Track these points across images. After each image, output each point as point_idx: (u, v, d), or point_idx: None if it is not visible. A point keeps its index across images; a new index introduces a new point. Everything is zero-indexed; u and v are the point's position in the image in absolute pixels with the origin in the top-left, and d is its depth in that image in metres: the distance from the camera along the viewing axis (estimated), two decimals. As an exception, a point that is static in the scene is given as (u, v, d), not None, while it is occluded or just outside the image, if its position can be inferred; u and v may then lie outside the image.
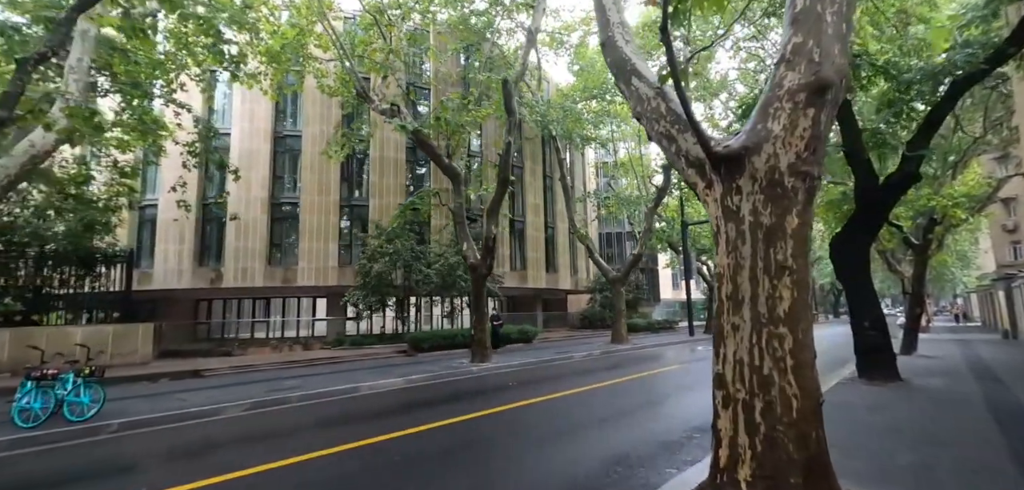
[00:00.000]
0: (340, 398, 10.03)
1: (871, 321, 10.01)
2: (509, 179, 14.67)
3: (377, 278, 19.45)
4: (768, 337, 3.81)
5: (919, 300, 16.43)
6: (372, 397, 10.18)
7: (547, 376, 12.82)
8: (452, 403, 9.31)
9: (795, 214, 4.01)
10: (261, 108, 23.20)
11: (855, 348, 10.29)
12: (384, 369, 14.26)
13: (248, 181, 22.91)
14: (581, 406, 8.65)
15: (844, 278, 10.69)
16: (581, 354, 17.82)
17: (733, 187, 4.27)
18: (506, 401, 9.16)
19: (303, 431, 7.45)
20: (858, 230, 10.47)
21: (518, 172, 31.25)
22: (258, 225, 22.65)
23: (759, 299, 3.94)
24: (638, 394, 9.76)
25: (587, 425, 7.20)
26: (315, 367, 15.21)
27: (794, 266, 3.90)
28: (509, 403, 8.97)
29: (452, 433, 6.90)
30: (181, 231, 22.18)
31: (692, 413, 7.72)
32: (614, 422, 7.34)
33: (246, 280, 22.17)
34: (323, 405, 9.39)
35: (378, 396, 10.31)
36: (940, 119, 10.16)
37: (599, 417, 7.71)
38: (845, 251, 10.56)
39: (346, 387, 10.81)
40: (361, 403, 9.53)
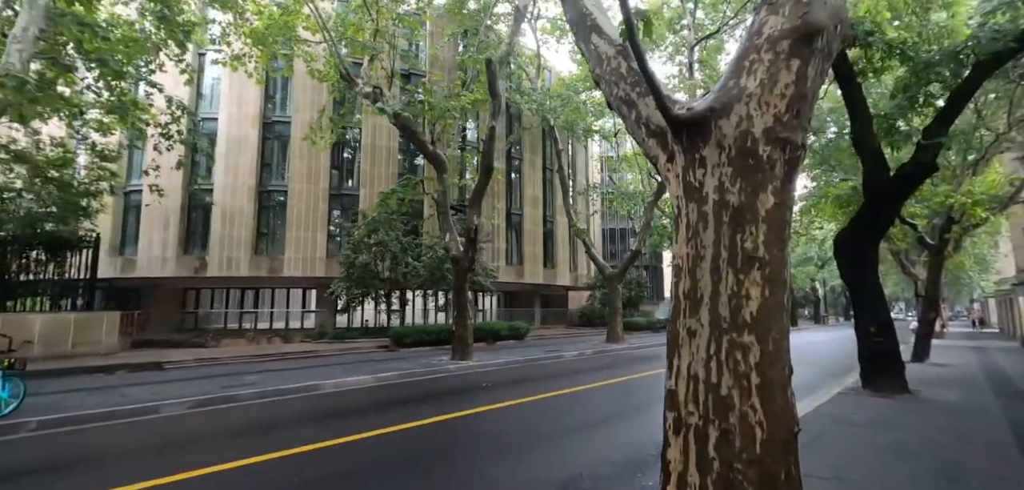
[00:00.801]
0: (296, 397, 9.30)
1: (878, 325, 9.07)
2: (493, 167, 13.84)
3: (362, 270, 18.73)
4: (729, 347, 2.97)
5: (933, 304, 15.35)
6: (331, 396, 9.45)
7: (527, 377, 12.01)
8: (414, 405, 8.55)
9: (771, 192, 3.15)
10: (250, 93, 22.55)
11: (859, 355, 9.36)
12: (358, 365, 13.55)
13: (235, 168, 22.35)
14: (550, 413, 7.83)
15: (849, 278, 9.73)
16: (572, 353, 16.98)
17: (696, 158, 3.42)
18: (472, 405, 8.37)
19: (236, 436, 6.71)
20: (865, 226, 9.51)
21: (516, 164, 30.43)
22: (244, 213, 22.04)
23: (720, 298, 3.10)
24: (617, 401, 8.91)
25: (549, 436, 6.39)
26: (286, 361, 14.55)
27: (766, 257, 3.05)
28: (474, 407, 8.18)
29: (396, 442, 6.13)
30: (166, 218, 21.64)
31: (669, 426, 6.84)
32: (581, 433, 6.51)
33: (231, 269, 21.59)
34: (274, 405, 8.67)
35: (338, 395, 9.58)
36: (961, 104, 9.16)
37: (567, 426, 6.89)
38: (850, 249, 9.61)
39: (308, 385, 10.09)
40: (316, 403, 8.80)
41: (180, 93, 22.44)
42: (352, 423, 7.20)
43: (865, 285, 9.39)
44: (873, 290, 9.34)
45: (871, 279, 9.39)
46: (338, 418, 7.64)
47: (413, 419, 7.33)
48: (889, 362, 9.03)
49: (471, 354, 14.11)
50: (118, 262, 21.98)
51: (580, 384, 10.63)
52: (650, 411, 7.98)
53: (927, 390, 9.21)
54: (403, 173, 25.32)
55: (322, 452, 5.65)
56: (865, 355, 9.27)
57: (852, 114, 9.78)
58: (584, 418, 7.40)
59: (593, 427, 6.86)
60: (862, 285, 9.44)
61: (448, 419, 7.39)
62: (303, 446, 5.82)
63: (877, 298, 9.29)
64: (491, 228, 27.52)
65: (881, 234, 9.85)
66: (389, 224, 19.33)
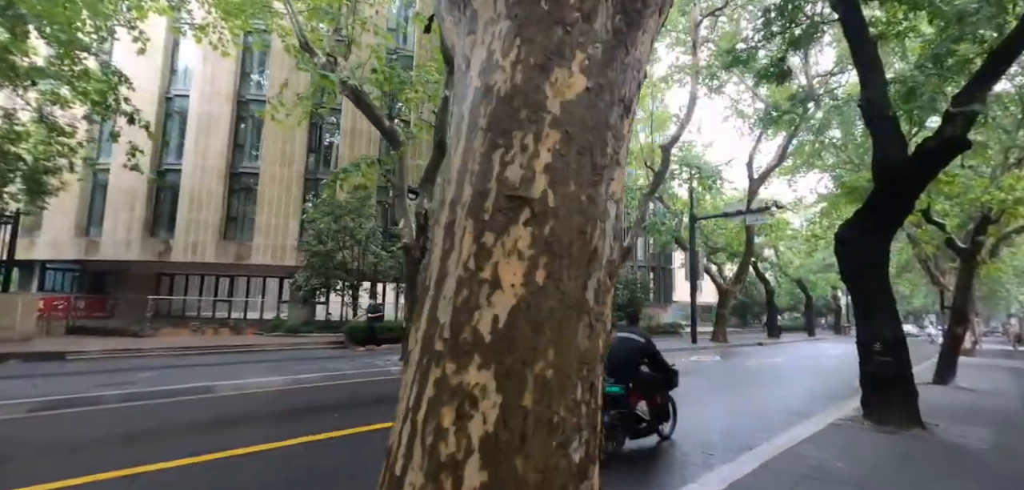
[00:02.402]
0: (175, 401, 7.87)
1: (884, 341, 7.18)
2: (448, 143, 12.20)
3: (323, 259, 17.32)
4: (436, 387, 1.30)
5: (962, 317, 13.19)
6: (218, 402, 7.99)
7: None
8: (313, 417, 7.07)
9: (577, 66, 1.54)
10: (224, 70, 21.42)
11: (861, 377, 7.48)
12: (286, 364, 12.14)
13: (205, 148, 21.24)
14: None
15: (850, 279, 7.84)
16: (545, 357, 15.26)
17: (466, 13, 1.78)
18: (388, 417, 6.80)
19: (44, 452, 5.28)
20: (874, 217, 7.61)
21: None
22: (213, 196, 20.92)
23: (444, 283, 1.42)
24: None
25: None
26: (211, 356, 13.21)
27: (548, 201, 1.38)
28: (380, 422, 6.62)
29: (256, 465, 4.65)
30: (132, 199, 20.67)
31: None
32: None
33: (197, 255, 20.50)
34: (138, 410, 7.25)
35: (229, 401, 8.13)
36: (1006, 62, 7.18)
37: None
38: (854, 245, 7.73)
39: (202, 385, 8.67)
40: (193, 411, 7.35)
41: (140, 65, 21.52)
42: (216, 438, 5.75)
43: (870, 289, 7.50)
44: (880, 296, 7.44)
45: (878, 282, 7.49)
46: (202, 432, 6.19)
47: (301, 434, 5.92)
48: (898, 387, 7.14)
49: (422, 355, 12.53)
50: (82, 243, 21.09)
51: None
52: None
53: (947, 424, 7.29)
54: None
55: (142, 480, 4.16)
56: (868, 377, 7.39)
57: (863, 76, 7.89)
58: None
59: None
60: (866, 289, 7.55)
61: (346, 435, 5.94)
62: (116, 471, 4.39)
63: (884, 306, 7.38)
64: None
65: (893, 229, 7.91)
66: (359, 210, 17.91)
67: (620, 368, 5.45)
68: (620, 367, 5.45)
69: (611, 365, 5.20)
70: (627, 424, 5.50)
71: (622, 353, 5.52)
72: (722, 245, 31.10)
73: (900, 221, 8.08)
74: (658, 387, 5.97)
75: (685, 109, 20.28)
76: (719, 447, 6.05)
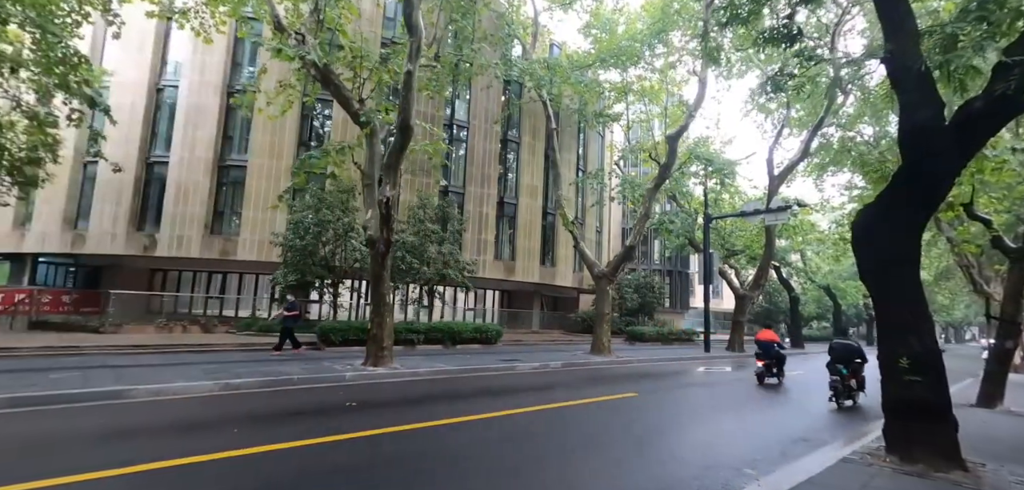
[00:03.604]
0: (69, 407, 6.85)
1: (914, 356, 5.63)
2: (411, 125, 11.02)
3: (299, 254, 16.34)
4: None
5: (1014, 329, 11.29)
6: (118, 409, 6.95)
7: (428, 396, 9.20)
8: (203, 434, 5.94)
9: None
10: (214, 60, 20.80)
11: (884, 401, 5.93)
12: (235, 366, 11.11)
13: (193, 140, 20.61)
14: (365, 465, 4.96)
15: (871, 279, 6.27)
16: (532, 366, 13.93)
17: None
18: (288, 437, 5.62)
19: None
20: (900, 200, 6.06)
21: (514, 146, 27.49)
22: (199, 189, 20.25)
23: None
24: (480, 447, 5.93)
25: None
26: (163, 355, 12.30)
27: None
28: (286, 441, 5.44)
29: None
30: (119, 192, 20.16)
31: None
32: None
33: (182, 250, 19.84)
34: (10, 418, 6.24)
35: (131, 408, 7.08)
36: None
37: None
38: (876, 235, 6.19)
39: (116, 390, 7.64)
40: (87, 419, 6.30)
41: (130, 56, 21.06)
42: (69, 458, 4.66)
43: (894, 290, 5.95)
44: (907, 299, 5.88)
45: (905, 282, 5.92)
46: (59, 449, 5.10)
47: (185, 453, 4.80)
48: (931, 415, 5.57)
49: (387, 359, 11.37)
50: (69, 236, 20.70)
51: (481, 412, 7.67)
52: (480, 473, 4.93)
53: (996, 465, 5.69)
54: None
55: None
56: (891, 401, 5.84)
57: (888, 25, 6.36)
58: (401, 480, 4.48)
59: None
60: (889, 290, 6.00)
61: (232, 457, 4.78)
62: None
63: (914, 312, 5.82)
64: (479, 216, 24.73)
65: (924, 216, 6.30)
66: (345, 204, 16.90)
67: (842, 360, 10.08)
68: (842, 360, 10.09)
69: (836, 358, 10.10)
70: (846, 390, 9.99)
71: (843, 352, 10.26)
72: (741, 248, 29.10)
73: (933, 206, 6.46)
74: (859, 371, 10.32)
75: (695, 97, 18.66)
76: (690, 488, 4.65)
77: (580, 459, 5.48)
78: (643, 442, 6.37)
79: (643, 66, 21.45)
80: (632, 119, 27.83)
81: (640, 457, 5.60)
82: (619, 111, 24.67)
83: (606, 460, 5.43)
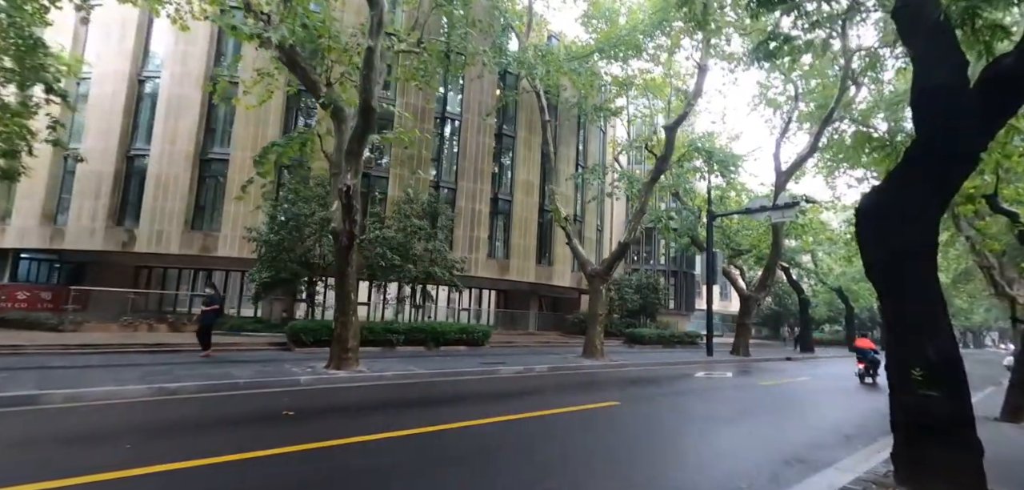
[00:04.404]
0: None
1: (929, 363, 4.63)
2: (373, 107, 10.15)
3: (275, 250, 15.56)
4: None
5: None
6: (25, 418, 6.18)
7: (388, 402, 8.35)
8: (113, 444, 5.10)
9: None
10: (197, 50, 20.18)
11: (892, 418, 4.94)
12: (182, 367, 10.35)
13: (174, 132, 19.99)
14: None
15: (879, 273, 5.26)
16: (516, 369, 13.02)
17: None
18: (185, 455, 4.77)
19: None
20: (914, 179, 5.06)
21: (509, 141, 26.57)
22: (179, 183, 19.62)
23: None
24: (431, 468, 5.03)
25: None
26: (110, 355, 11.51)
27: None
28: (178, 460, 4.59)
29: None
30: (98, 186, 19.60)
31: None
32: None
33: (161, 245, 19.21)
34: None
35: (40, 416, 6.30)
36: None
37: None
38: (885, 220, 5.20)
39: (29, 395, 6.88)
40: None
41: (111, 46, 20.51)
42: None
43: (907, 287, 4.95)
44: (923, 298, 4.88)
45: (921, 277, 4.92)
46: None
47: (46, 477, 3.94)
48: (950, 437, 4.57)
49: (351, 362, 10.52)
50: (48, 231, 20.17)
51: (432, 423, 6.78)
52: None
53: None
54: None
55: None
56: (903, 417, 4.84)
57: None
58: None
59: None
60: (902, 287, 5.00)
61: (100, 481, 3.93)
62: None
63: (929, 312, 4.81)
64: (471, 213, 23.85)
65: (942, 199, 5.28)
66: (317, 195, 16.12)
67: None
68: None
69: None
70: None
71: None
72: (747, 248, 27.91)
73: (952, 187, 5.42)
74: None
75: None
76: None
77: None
78: (608, 463, 5.44)
79: (645, 58, 20.48)
80: (634, 114, 26.83)
81: (593, 486, 4.66)
82: (620, 105, 23.69)
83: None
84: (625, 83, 22.02)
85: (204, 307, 12.51)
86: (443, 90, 24.53)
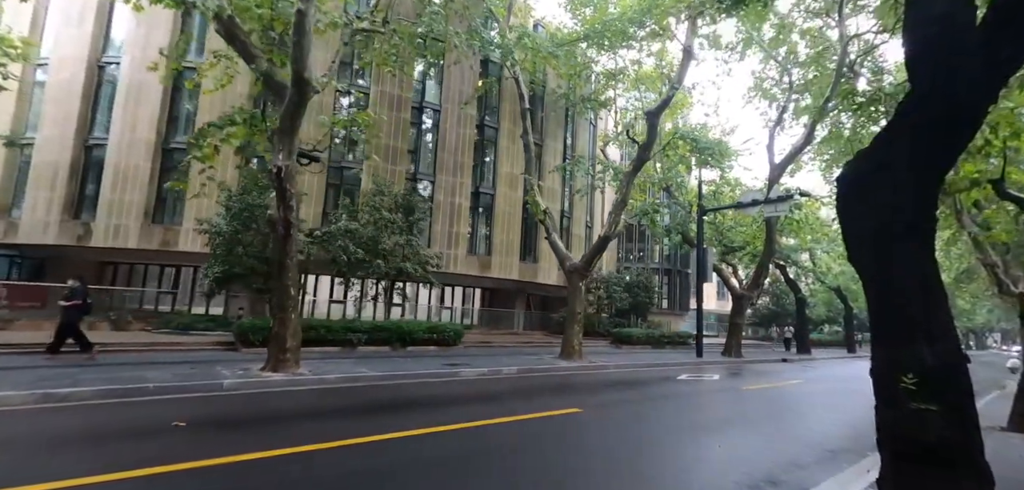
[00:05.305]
0: None
1: (925, 368, 3.61)
2: (306, 78, 9.16)
3: (227, 244, 14.59)
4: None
5: (1054, 333, 9.13)
6: None
7: (301, 414, 7.37)
8: None
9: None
10: (159, 34, 19.16)
11: (879, 437, 3.93)
12: (98, 370, 9.38)
13: (134, 120, 19.02)
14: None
15: (863, 255, 4.24)
16: (478, 372, 12.03)
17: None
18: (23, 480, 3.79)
19: None
20: (907, 140, 4.04)
21: (492, 133, 25.57)
22: (140, 173, 18.65)
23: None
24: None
25: None
26: (15, 357, 10.54)
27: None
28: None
29: None
30: (53, 177, 18.63)
31: None
32: None
33: (118, 240, 18.24)
34: None
35: None
36: None
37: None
38: (874, 190, 4.18)
39: None
40: None
41: (70, 31, 19.52)
42: None
43: (898, 272, 3.93)
44: (918, 285, 3.86)
45: (915, 259, 3.91)
46: None
47: None
48: (950, 464, 3.56)
49: (290, 364, 9.53)
50: (2, 225, 19.20)
51: (354, 436, 5.80)
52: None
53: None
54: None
55: None
56: (888, 436, 3.84)
57: None
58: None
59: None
60: (891, 272, 3.98)
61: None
62: None
63: (925, 302, 3.80)
64: (450, 207, 22.86)
65: (941, 164, 4.24)
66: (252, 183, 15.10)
67: None
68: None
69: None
70: None
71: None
72: (740, 244, 26.87)
73: (955, 150, 4.40)
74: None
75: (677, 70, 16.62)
76: None
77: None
78: (538, 487, 4.46)
79: (635, 47, 19.48)
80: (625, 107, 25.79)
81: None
82: (610, 97, 22.67)
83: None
84: (614, 74, 21.04)
85: (64, 303, 10.56)
86: (421, 79, 23.55)
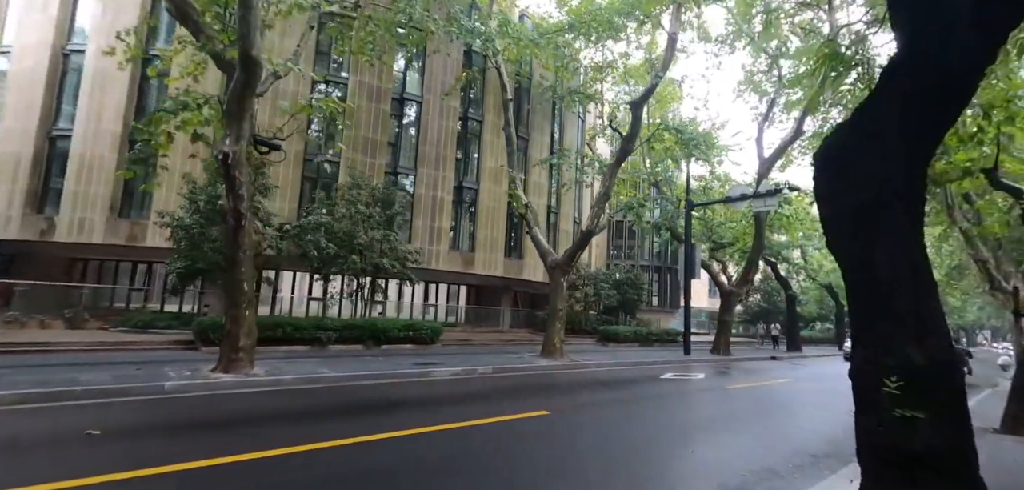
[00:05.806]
0: None
1: (911, 368, 3.09)
2: (254, 56, 8.55)
3: (191, 238, 13.93)
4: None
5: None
6: None
7: (241, 419, 6.80)
8: None
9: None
10: (125, 20, 18.36)
11: (859, 446, 3.39)
12: (29, 372, 8.77)
13: (98, 108, 18.29)
14: None
15: (845, 237, 3.71)
16: (451, 371, 11.47)
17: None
18: None
19: None
20: (896, 108, 3.50)
21: (476, 125, 24.98)
22: (105, 165, 17.91)
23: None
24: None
25: None
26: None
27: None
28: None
29: None
30: (15, 168, 17.87)
31: None
32: None
33: (83, 234, 17.51)
34: None
35: None
36: None
37: None
38: (856, 163, 3.65)
39: None
40: None
41: (33, 16, 18.77)
42: None
43: (882, 256, 3.41)
44: (904, 271, 3.34)
45: (901, 241, 3.39)
46: None
47: None
48: (939, 476, 3.04)
49: (243, 364, 8.93)
50: (-40, 219, 18.41)
51: (294, 443, 5.22)
52: None
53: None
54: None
55: None
56: (868, 444, 3.32)
57: None
58: None
59: None
60: (873, 255, 3.46)
61: None
62: None
63: (912, 291, 3.28)
64: (432, 201, 22.26)
65: (932, 136, 3.74)
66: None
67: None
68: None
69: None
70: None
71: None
72: (730, 240, 26.44)
73: (945, 122, 3.88)
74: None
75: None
76: None
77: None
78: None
79: (623, 40, 18.95)
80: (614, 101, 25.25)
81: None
82: (598, 90, 22.14)
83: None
84: (602, 67, 20.52)
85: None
86: (402, 69, 22.92)
